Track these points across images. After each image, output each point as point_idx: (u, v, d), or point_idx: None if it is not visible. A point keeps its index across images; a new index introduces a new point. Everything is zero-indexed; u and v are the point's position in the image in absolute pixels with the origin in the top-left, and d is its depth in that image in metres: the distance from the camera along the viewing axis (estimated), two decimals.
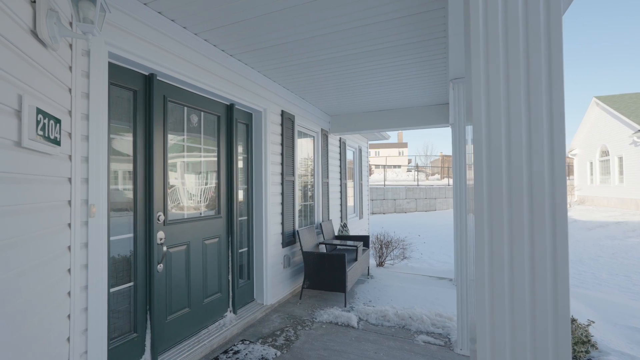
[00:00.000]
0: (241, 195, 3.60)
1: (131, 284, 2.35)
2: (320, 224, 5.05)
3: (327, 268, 3.91)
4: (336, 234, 5.92)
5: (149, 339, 2.44)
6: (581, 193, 17.37)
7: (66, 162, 1.69)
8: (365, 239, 5.17)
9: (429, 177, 26.34)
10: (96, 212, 1.90)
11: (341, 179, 6.33)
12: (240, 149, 3.61)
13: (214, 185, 3.22)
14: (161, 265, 2.53)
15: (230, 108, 3.36)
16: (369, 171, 8.79)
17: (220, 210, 3.26)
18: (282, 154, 4.09)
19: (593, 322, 2.84)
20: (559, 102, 0.77)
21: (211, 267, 3.12)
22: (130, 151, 2.36)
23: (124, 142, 2.34)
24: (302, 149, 4.89)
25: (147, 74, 2.45)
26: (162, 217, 2.55)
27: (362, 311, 3.59)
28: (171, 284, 2.66)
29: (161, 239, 2.53)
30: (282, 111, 4.08)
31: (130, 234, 2.35)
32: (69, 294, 1.72)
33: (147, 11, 2.20)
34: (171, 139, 2.71)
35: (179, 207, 2.82)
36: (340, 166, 6.29)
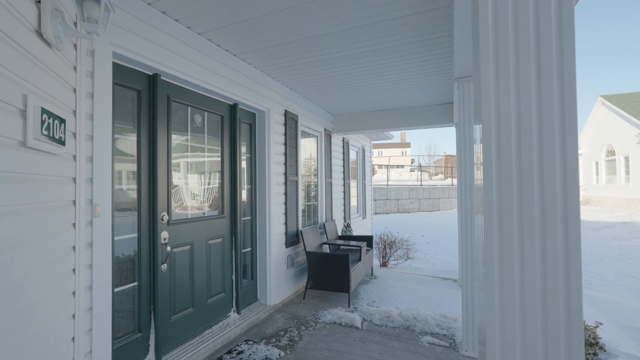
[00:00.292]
0: (245, 195, 3.60)
1: (135, 283, 2.35)
2: (324, 224, 5.04)
3: (330, 268, 3.90)
4: (339, 234, 5.90)
5: (153, 339, 2.44)
6: (586, 193, 17.22)
7: (71, 162, 1.70)
8: (368, 239, 5.15)
9: (432, 177, 26.24)
10: (100, 212, 1.90)
11: (344, 179, 6.31)
12: (244, 149, 3.60)
13: (217, 185, 3.22)
14: (165, 265, 2.53)
15: (233, 108, 3.36)
16: (372, 171, 8.75)
17: (224, 210, 3.25)
18: (286, 154, 4.08)
19: (601, 323, 2.80)
20: (571, 99, 0.75)
21: (215, 267, 3.11)
22: (134, 151, 2.36)
23: (128, 142, 2.34)
24: (305, 149, 4.88)
25: (151, 74, 2.45)
26: (166, 217, 2.55)
27: (366, 312, 3.57)
28: (175, 284, 2.66)
29: (165, 239, 2.53)
30: (286, 111, 4.07)
31: (135, 234, 2.35)
32: (74, 293, 1.72)
33: (151, 11, 2.20)
34: (175, 139, 2.71)
35: (182, 207, 2.82)
36: (344, 166, 6.27)
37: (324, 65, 3.27)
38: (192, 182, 2.94)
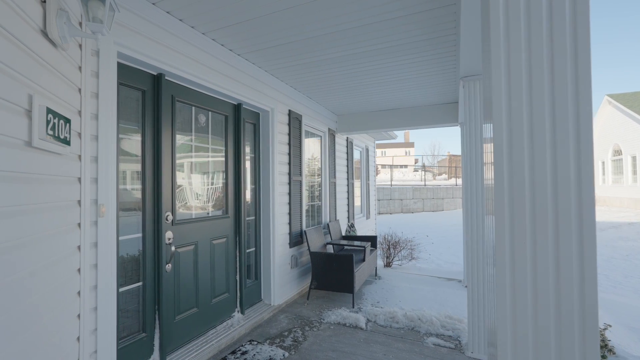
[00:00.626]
0: (249, 195, 3.59)
1: (140, 283, 2.35)
2: (328, 224, 5.03)
3: (334, 268, 3.88)
4: (343, 234, 5.88)
5: (157, 338, 2.44)
6: None
7: (76, 162, 1.70)
8: (372, 239, 5.12)
9: (436, 177, 26.13)
10: (105, 211, 1.90)
11: (348, 178, 6.29)
12: (248, 149, 3.60)
13: (221, 185, 3.22)
14: (169, 265, 2.53)
15: (237, 108, 3.36)
16: (376, 171, 8.73)
17: (228, 210, 3.25)
18: (290, 154, 4.07)
19: (610, 325, 2.76)
20: (586, 96, 0.73)
21: (219, 267, 3.11)
22: (138, 151, 2.37)
23: (133, 142, 2.34)
24: (309, 149, 4.87)
25: (155, 73, 2.45)
26: (170, 217, 2.55)
27: (370, 312, 3.55)
28: (179, 283, 2.66)
29: (169, 238, 2.53)
30: (290, 111, 4.06)
31: (139, 234, 2.35)
32: (79, 293, 1.72)
33: (155, 11, 2.20)
34: (179, 139, 2.71)
35: (186, 207, 2.81)
36: (348, 166, 6.25)
37: (326, 65, 3.26)
38: (196, 182, 2.94)
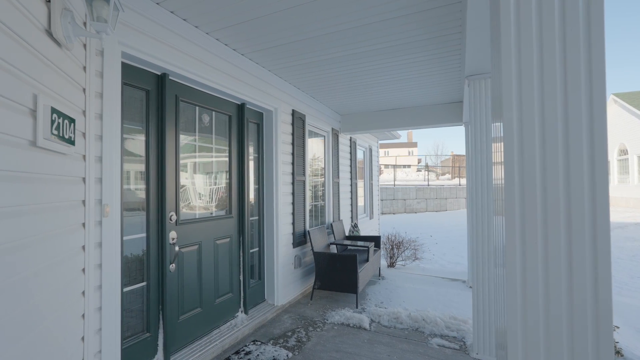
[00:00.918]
0: (252, 195, 3.59)
1: (144, 283, 2.35)
2: (331, 224, 5.01)
3: (338, 269, 3.87)
4: (347, 234, 5.87)
5: (161, 338, 2.44)
6: None
7: (80, 162, 1.70)
8: (376, 240, 5.11)
9: (439, 177, 26.03)
10: (110, 211, 1.90)
11: (352, 178, 6.27)
12: (251, 148, 3.59)
13: (225, 185, 3.22)
14: (173, 265, 2.53)
15: (241, 107, 3.35)
16: (379, 171, 8.70)
17: (232, 210, 3.25)
18: (293, 154, 4.06)
19: (617, 327, 2.73)
20: (600, 94, 0.71)
21: (223, 267, 3.11)
22: (142, 151, 2.37)
23: (137, 142, 2.34)
24: (312, 149, 4.85)
25: (159, 73, 2.45)
26: (174, 217, 2.55)
27: (374, 313, 3.54)
28: (183, 283, 2.66)
29: (173, 238, 2.53)
30: (293, 110, 4.06)
31: (143, 234, 2.35)
32: (83, 293, 1.72)
33: (159, 10, 2.20)
34: (183, 139, 2.71)
35: (190, 207, 2.81)
36: (351, 166, 6.24)
37: (327, 65, 3.24)
38: (200, 182, 2.94)
